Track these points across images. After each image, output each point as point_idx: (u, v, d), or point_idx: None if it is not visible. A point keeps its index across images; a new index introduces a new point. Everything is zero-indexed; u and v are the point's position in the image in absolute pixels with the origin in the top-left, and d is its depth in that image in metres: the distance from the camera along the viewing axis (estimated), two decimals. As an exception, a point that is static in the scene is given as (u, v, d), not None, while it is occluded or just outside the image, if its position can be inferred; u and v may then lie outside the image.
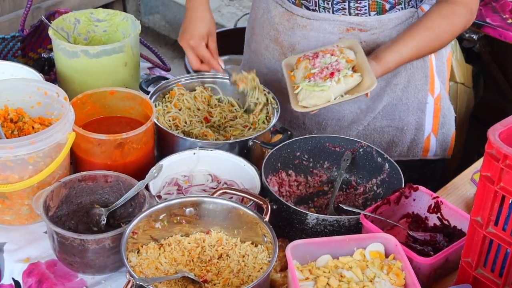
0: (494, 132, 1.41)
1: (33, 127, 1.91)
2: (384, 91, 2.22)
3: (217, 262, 1.69)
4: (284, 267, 1.72)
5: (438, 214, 1.80)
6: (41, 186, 1.80)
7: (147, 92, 2.13)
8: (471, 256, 1.55)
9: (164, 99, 2.16)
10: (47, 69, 2.38)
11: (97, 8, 2.38)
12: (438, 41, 2.09)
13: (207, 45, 2.20)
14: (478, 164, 2.12)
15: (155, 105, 2.09)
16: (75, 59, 2.14)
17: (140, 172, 1.87)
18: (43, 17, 2.30)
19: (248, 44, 2.47)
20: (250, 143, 2.00)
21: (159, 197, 1.88)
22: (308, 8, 2.19)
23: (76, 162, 1.94)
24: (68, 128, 1.83)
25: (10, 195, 1.81)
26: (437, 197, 1.80)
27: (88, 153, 1.90)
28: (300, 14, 2.20)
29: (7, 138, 1.86)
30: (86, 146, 1.89)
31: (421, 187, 1.81)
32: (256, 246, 1.70)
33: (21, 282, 1.76)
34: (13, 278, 1.78)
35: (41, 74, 2.11)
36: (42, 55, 2.43)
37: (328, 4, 2.14)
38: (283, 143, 1.98)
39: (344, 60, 1.99)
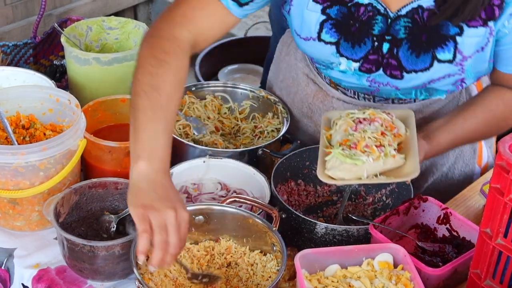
0: (504, 144, 1.41)
1: (44, 134, 1.92)
2: (429, 171, 2.09)
3: (226, 270, 1.69)
4: (292, 276, 1.72)
5: (447, 225, 1.79)
6: (51, 193, 1.81)
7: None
8: (480, 268, 1.55)
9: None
10: (59, 76, 2.40)
11: (108, 16, 2.40)
12: (496, 128, 1.92)
13: None
14: (487, 175, 2.12)
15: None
16: (87, 66, 2.16)
17: (150, 180, 1.87)
18: (55, 24, 2.32)
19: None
20: (260, 151, 2.00)
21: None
22: (345, 94, 2.02)
23: (86, 169, 1.95)
24: (79, 135, 1.84)
25: (21, 201, 1.82)
26: (446, 208, 1.80)
27: (98, 160, 1.91)
28: (336, 96, 2.03)
29: (18, 144, 1.87)
30: (96, 153, 1.90)
31: (430, 198, 1.81)
32: (265, 254, 1.70)
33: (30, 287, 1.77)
34: (22, 284, 1.79)
35: (53, 81, 2.13)
36: (54, 62, 2.44)
37: (369, 95, 1.99)
38: (292, 152, 1.98)
39: (391, 134, 1.76)
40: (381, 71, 1.83)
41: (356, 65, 1.84)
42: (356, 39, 1.81)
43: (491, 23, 1.73)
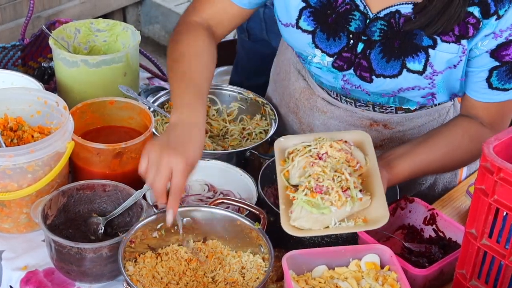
0: (489, 145, 1.42)
1: (32, 136, 1.91)
2: (408, 188, 2.03)
3: (214, 271, 1.70)
4: (280, 277, 1.73)
5: (434, 226, 1.81)
6: (39, 195, 1.81)
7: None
8: (465, 268, 1.56)
9: (163, 109, 2.18)
10: (47, 78, 2.40)
11: (97, 18, 2.40)
12: (459, 161, 1.86)
13: None
14: (474, 177, 2.14)
15: (154, 115, 2.10)
16: (75, 68, 2.16)
17: (138, 182, 1.87)
18: (43, 26, 2.32)
19: (271, 90, 2.32)
20: (248, 153, 2.01)
21: (156, 206, 1.89)
22: (329, 94, 2.04)
23: (74, 171, 1.95)
24: (67, 137, 1.84)
25: (8, 203, 1.81)
26: (433, 209, 1.81)
27: (86, 162, 1.91)
28: (321, 96, 2.05)
29: (6, 146, 1.87)
30: (85, 155, 1.90)
31: (416, 199, 1.83)
32: (252, 255, 1.71)
33: (18, 290, 1.77)
34: (10, 286, 1.78)
35: (41, 83, 2.13)
36: (42, 64, 2.44)
37: (350, 99, 2.00)
38: (279, 154, 1.98)
39: (353, 171, 1.68)
40: (351, 71, 1.85)
41: (329, 60, 1.85)
42: (332, 31, 1.82)
43: (464, 42, 1.72)
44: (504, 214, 1.43)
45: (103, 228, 1.80)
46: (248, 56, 3.07)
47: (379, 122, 2.02)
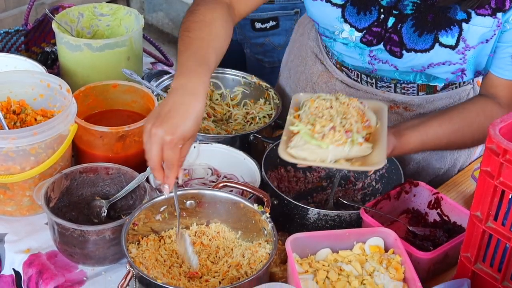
0: (495, 127, 1.41)
1: (35, 119, 1.91)
2: (426, 173, 2.04)
3: (217, 254, 1.69)
4: (283, 261, 1.72)
5: (438, 210, 1.80)
6: (42, 178, 1.81)
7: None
8: (470, 251, 1.55)
9: (166, 93, 2.17)
10: (50, 63, 2.39)
11: (100, 5, 2.40)
12: (471, 139, 1.84)
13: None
14: (479, 161, 2.13)
15: (157, 98, 2.10)
16: (78, 52, 2.15)
17: (141, 165, 1.86)
18: (47, 10, 2.32)
19: (284, 79, 2.30)
20: (251, 137, 2.00)
21: (160, 190, 1.88)
22: (349, 76, 2.04)
23: (77, 154, 1.95)
24: (70, 120, 1.83)
25: (11, 186, 1.81)
26: (437, 192, 1.80)
27: (90, 145, 1.90)
28: (340, 78, 2.04)
29: (9, 129, 1.87)
30: (88, 138, 1.89)
31: (421, 183, 1.82)
32: (256, 238, 1.70)
33: (21, 272, 1.77)
34: (13, 269, 1.78)
35: (44, 67, 2.12)
36: (45, 49, 2.43)
37: (371, 79, 2.00)
38: (282, 139, 1.98)
39: (362, 125, 1.67)
40: (381, 46, 1.83)
41: (358, 35, 1.84)
42: (363, 5, 1.81)
43: (499, 15, 1.70)
44: (510, 196, 1.42)
45: (106, 211, 1.79)
46: None
47: (399, 104, 2.01)
